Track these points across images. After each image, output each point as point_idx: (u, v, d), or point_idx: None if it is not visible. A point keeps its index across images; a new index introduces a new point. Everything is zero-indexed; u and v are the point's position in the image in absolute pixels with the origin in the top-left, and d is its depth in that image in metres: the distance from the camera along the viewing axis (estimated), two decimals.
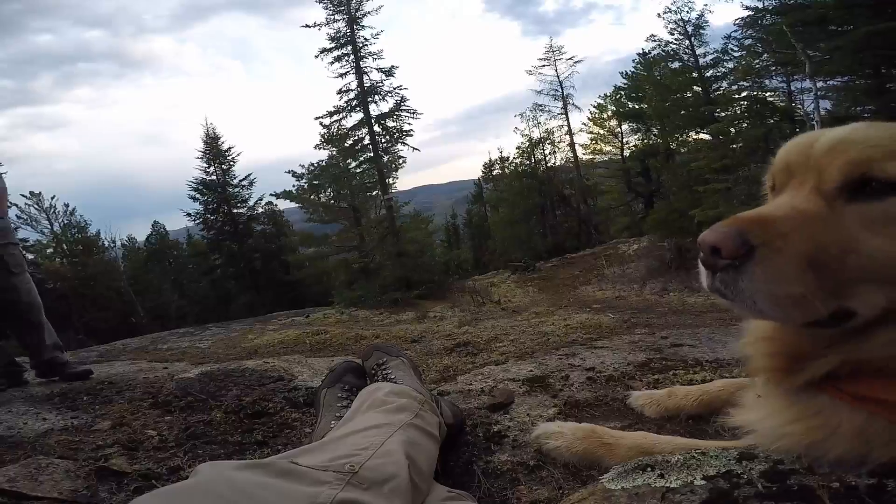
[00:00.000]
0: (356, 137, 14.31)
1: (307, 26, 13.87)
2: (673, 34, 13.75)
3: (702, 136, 13.13)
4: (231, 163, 19.54)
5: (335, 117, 14.29)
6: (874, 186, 0.59)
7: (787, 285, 0.57)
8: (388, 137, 14.38)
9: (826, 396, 0.65)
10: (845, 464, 0.62)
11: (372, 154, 14.11)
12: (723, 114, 11.99)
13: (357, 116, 14.22)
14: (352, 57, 13.95)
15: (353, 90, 14.07)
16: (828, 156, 0.63)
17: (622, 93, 19.17)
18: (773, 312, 0.59)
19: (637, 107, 18.34)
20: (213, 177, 19.32)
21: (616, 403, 1.48)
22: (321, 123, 14.31)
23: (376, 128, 14.14)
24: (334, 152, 14.26)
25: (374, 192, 14.21)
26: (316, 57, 13.99)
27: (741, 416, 0.81)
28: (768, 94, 12.46)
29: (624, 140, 19.70)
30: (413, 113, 14.32)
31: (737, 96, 12.28)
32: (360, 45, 13.92)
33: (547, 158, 20.37)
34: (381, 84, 14.13)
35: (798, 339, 0.67)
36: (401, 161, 14.49)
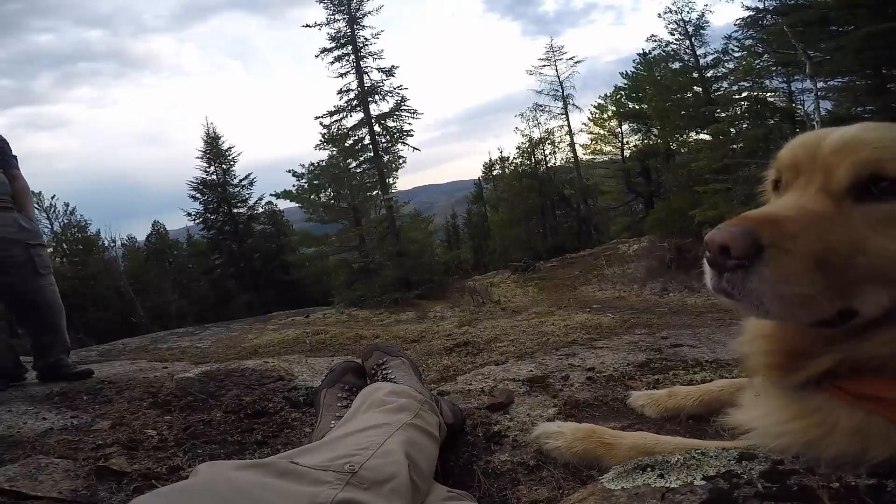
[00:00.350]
0: (356, 137, 14.32)
1: (307, 26, 13.89)
2: (673, 34, 13.79)
3: (702, 136, 13.13)
4: (231, 162, 19.56)
5: (335, 117, 14.30)
6: (883, 187, 0.59)
7: (796, 286, 0.57)
8: (388, 137, 14.37)
9: (824, 394, 0.65)
10: (843, 461, 0.62)
11: (372, 154, 14.11)
12: (723, 114, 11.98)
13: (357, 116, 14.24)
14: (352, 57, 13.96)
15: (353, 90, 14.08)
16: (837, 155, 0.63)
17: (622, 93, 19.18)
18: (781, 313, 0.59)
19: (637, 107, 18.35)
20: (214, 176, 19.33)
21: (616, 403, 1.48)
22: (321, 123, 14.33)
23: (376, 128, 14.14)
24: (334, 152, 14.25)
25: (374, 192, 14.20)
26: (316, 57, 14.02)
27: (740, 416, 0.81)
28: (769, 94, 12.44)
29: (624, 140, 19.71)
30: (413, 113, 14.34)
31: (737, 96, 12.27)
32: (361, 44, 13.93)
33: (547, 158, 20.41)
34: (381, 84, 14.15)
35: (797, 338, 0.67)
36: (401, 161, 14.50)
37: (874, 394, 0.60)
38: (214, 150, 19.30)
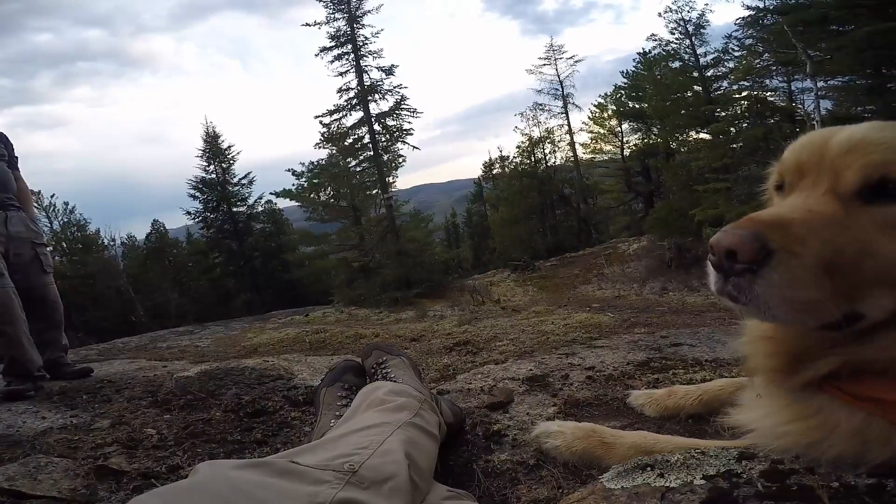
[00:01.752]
0: (356, 136, 14.30)
1: (307, 25, 13.88)
2: (673, 33, 13.79)
3: (702, 135, 13.13)
4: (231, 161, 19.56)
5: (335, 116, 14.29)
6: (892, 189, 0.58)
7: (804, 290, 0.56)
8: (388, 136, 14.37)
9: (825, 396, 0.65)
10: (843, 463, 0.62)
11: (372, 153, 14.10)
12: (723, 113, 11.99)
13: (357, 115, 14.23)
14: (352, 55, 13.94)
15: (353, 89, 14.07)
16: (846, 157, 0.62)
17: (622, 92, 19.15)
18: (788, 317, 0.58)
19: (637, 106, 18.32)
20: (213, 175, 19.33)
21: (616, 403, 1.48)
22: (321, 122, 14.32)
23: (376, 126, 14.13)
24: (334, 151, 14.25)
25: (374, 191, 14.21)
26: (316, 56, 14.00)
27: (740, 416, 0.81)
28: (769, 93, 12.46)
29: (624, 139, 19.69)
30: (413, 112, 14.33)
31: (737, 96, 12.28)
32: (361, 43, 13.91)
33: (547, 158, 20.41)
34: (381, 83, 14.14)
35: (799, 340, 0.67)
36: (401, 160, 14.51)
37: (875, 396, 0.60)
38: (214, 149, 19.29)
